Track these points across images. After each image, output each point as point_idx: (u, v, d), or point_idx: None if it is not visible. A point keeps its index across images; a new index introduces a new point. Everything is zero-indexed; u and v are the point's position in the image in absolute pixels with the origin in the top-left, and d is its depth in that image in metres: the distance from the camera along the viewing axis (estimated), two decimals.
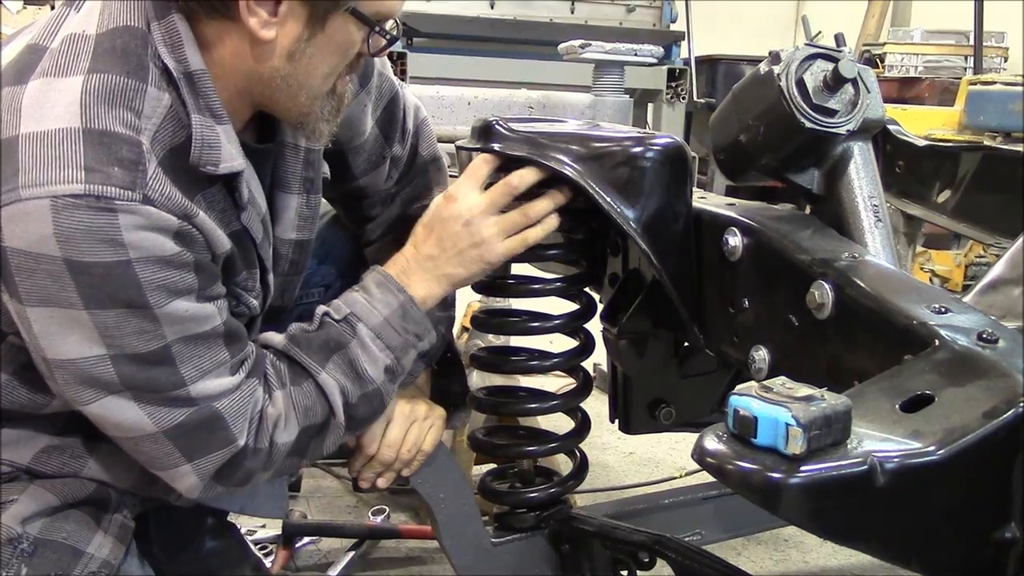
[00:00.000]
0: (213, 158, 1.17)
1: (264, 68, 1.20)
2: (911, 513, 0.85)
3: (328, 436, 1.33)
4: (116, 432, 1.20)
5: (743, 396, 0.83)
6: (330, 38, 1.21)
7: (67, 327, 1.10)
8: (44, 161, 1.06)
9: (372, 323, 1.32)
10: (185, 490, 1.26)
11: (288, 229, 1.40)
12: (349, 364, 1.31)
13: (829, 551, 2.08)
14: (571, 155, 1.33)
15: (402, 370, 1.36)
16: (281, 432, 1.28)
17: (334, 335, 1.32)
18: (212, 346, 1.19)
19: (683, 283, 1.36)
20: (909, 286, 1.13)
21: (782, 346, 1.22)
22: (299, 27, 1.18)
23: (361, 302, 1.34)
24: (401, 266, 1.36)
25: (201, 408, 1.19)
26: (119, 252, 1.08)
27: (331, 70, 1.25)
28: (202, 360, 1.18)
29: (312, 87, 1.25)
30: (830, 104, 1.24)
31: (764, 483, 0.80)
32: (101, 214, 1.06)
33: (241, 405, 1.23)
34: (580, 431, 1.54)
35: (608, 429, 1.90)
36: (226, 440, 1.22)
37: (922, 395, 0.91)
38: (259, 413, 1.26)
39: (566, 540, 1.48)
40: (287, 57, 1.20)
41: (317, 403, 1.30)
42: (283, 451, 1.29)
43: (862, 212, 1.27)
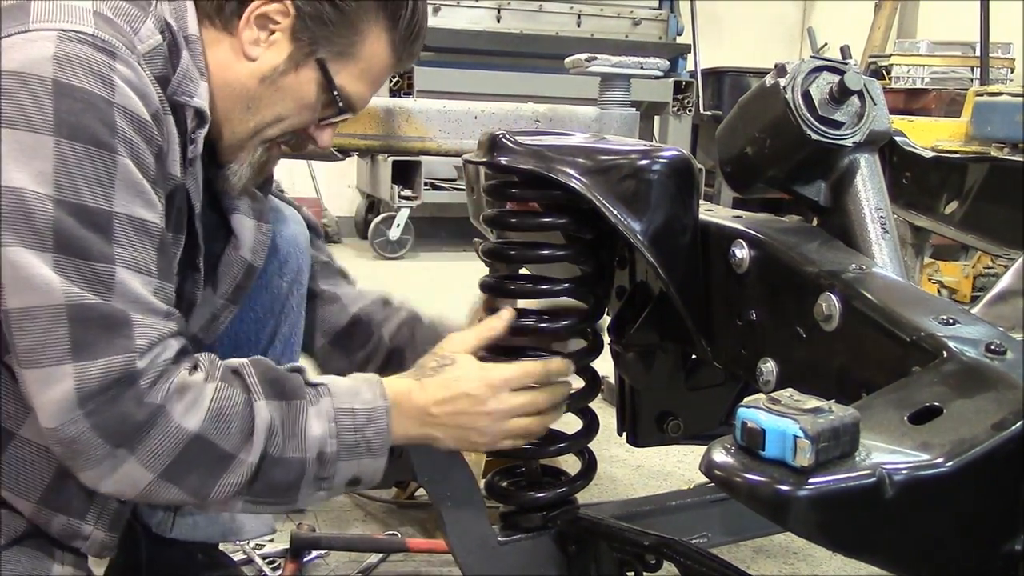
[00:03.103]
0: (191, 90, 1.25)
1: (237, 82, 1.29)
2: (920, 525, 0.85)
3: (224, 473, 1.15)
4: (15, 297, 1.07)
5: (751, 408, 0.83)
6: (297, 83, 1.31)
7: (26, 153, 1.07)
8: (58, 12, 1.13)
9: (339, 404, 1.23)
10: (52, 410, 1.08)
11: (246, 249, 1.42)
12: (292, 418, 1.19)
13: (839, 564, 2.07)
14: (578, 168, 1.33)
15: (331, 474, 1.22)
16: (183, 407, 1.12)
17: (294, 386, 1.22)
18: (151, 249, 1.14)
19: (690, 295, 1.36)
20: (917, 297, 1.13)
21: (790, 358, 1.22)
22: (279, 59, 1.29)
23: (341, 383, 1.26)
24: (398, 392, 1.28)
25: (114, 303, 1.09)
26: (107, 90, 1.11)
27: (284, 115, 1.33)
28: (137, 254, 1.12)
29: (263, 120, 1.32)
30: (836, 116, 1.24)
31: (772, 496, 0.80)
32: (102, 54, 1.12)
33: (152, 330, 1.12)
34: (588, 431, 1.53)
35: (616, 442, 1.90)
36: (123, 348, 1.09)
37: (931, 407, 0.91)
38: (163, 364, 1.12)
39: (573, 541, 1.48)
40: (259, 80, 1.30)
41: (236, 420, 1.16)
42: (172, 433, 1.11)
43: (869, 224, 1.26)
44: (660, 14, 6.68)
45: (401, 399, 1.28)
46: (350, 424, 1.22)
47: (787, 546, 2.13)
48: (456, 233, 6.30)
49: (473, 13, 6.15)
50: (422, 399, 1.28)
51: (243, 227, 1.43)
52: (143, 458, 1.11)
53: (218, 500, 1.17)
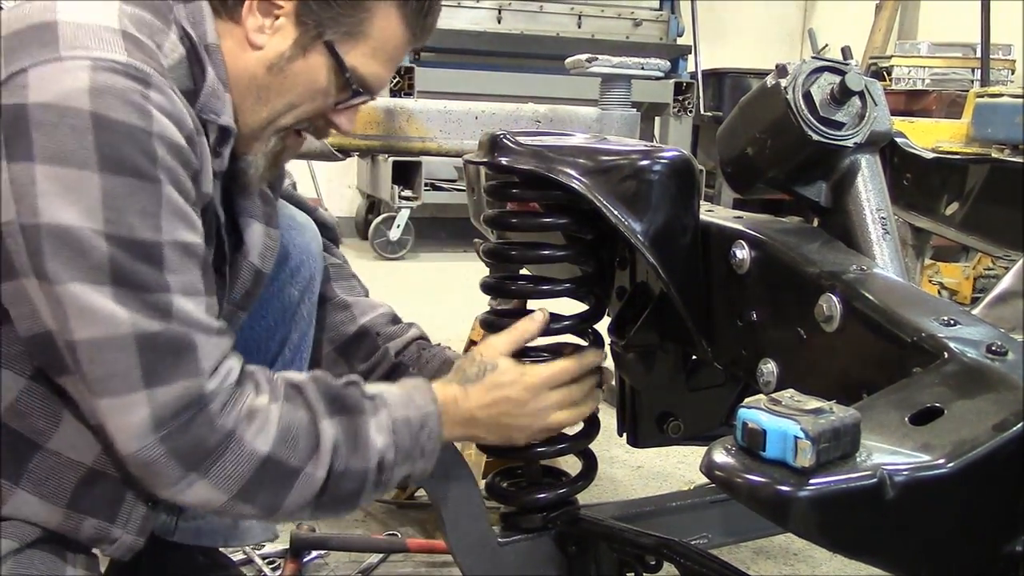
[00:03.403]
0: (217, 108, 1.24)
1: (245, 72, 1.27)
2: (921, 526, 0.85)
3: (294, 489, 1.19)
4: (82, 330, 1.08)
5: (751, 409, 0.83)
6: (307, 68, 1.28)
7: (73, 190, 1.06)
8: (86, 37, 1.11)
9: (396, 414, 1.27)
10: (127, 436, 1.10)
11: (255, 254, 1.41)
12: (354, 432, 1.23)
13: (839, 565, 2.07)
14: (578, 168, 1.33)
15: (388, 479, 1.27)
16: (253, 430, 1.15)
17: (353, 400, 1.26)
18: (197, 270, 1.15)
19: (691, 296, 1.36)
20: (918, 298, 1.13)
21: (790, 359, 1.22)
22: (285, 45, 1.26)
23: (394, 392, 1.30)
24: (445, 398, 1.33)
25: (176, 327, 1.11)
26: (145, 120, 1.10)
27: (296, 102, 1.30)
28: (188, 278, 1.13)
29: (275, 109, 1.30)
30: (837, 117, 1.24)
31: (773, 496, 0.80)
32: (137, 83, 1.10)
33: (216, 349, 1.15)
34: (589, 432, 1.53)
35: (616, 443, 1.90)
36: (192, 372, 1.12)
37: (931, 408, 0.91)
38: (231, 385, 1.16)
39: (573, 541, 1.48)
40: (267, 68, 1.27)
41: (303, 438, 1.19)
42: (245, 458, 1.15)
43: (870, 224, 1.26)
44: (661, 15, 6.69)
45: (448, 405, 1.33)
46: (406, 432, 1.28)
47: (787, 547, 2.13)
48: (456, 233, 6.30)
49: (474, 14, 6.15)
50: (467, 405, 1.34)
51: (252, 232, 1.41)
52: (217, 481, 1.15)
53: (288, 513, 1.22)
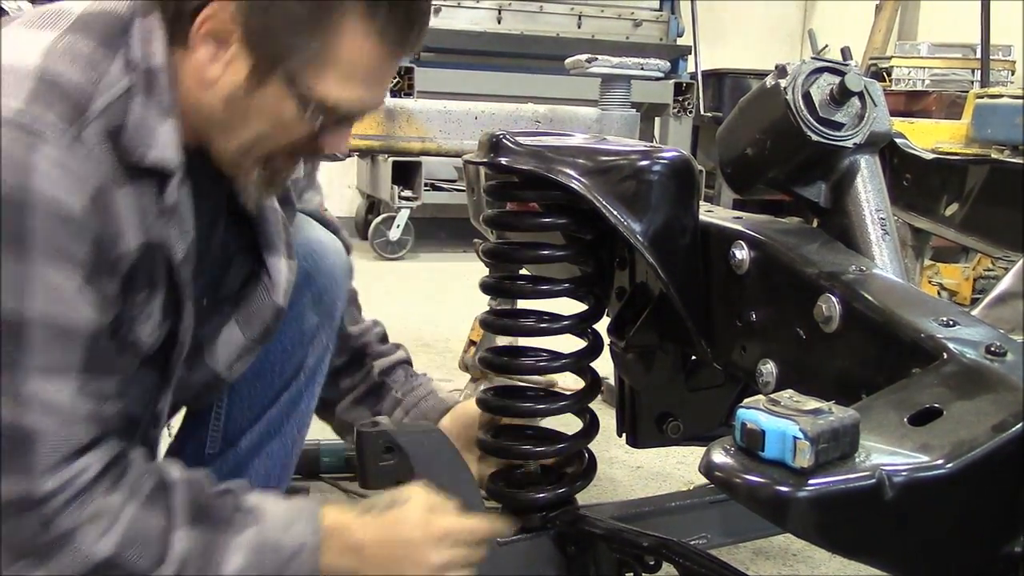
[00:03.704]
0: (145, 142, 1.12)
1: (206, 106, 1.17)
2: (920, 527, 0.85)
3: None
4: None
5: (750, 409, 0.83)
6: (268, 101, 1.16)
7: None
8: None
9: (268, 535, 1.17)
10: None
11: (280, 293, 1.37)
12: (211, 548, 1.14)
13: (838, 565, 2.07)
14: (578, 168, 1.34)
15: None
16: (94, 533, 1.08)
17: (221, 512, 1.17)
18: (69, 347, 1.06)
19: (690, 296, 1.36)
20: (917, 299, 1.13)
21: (789, 359, 1.22)
22: (241, 77, 1.15)
23: (277, 512, 1.20)
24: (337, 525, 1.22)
25: (20, 414, 1.03)
26: (25, 178, 1.01)
27: (266, 134, 1.19)
28: (51, 356, 1.04)
29: (244, 141, 1.20)
30: (837, 117, 1.24)
31: (772, 496, 0.80)
32: (26, 137, 1.02)
33: (63, 445, 1.06)
34: (588, 432, 1.53)
35: (615, 443, 1.90)
36: (25, 468, 1.03)
37: (930, 408, 0.91)
38: (83, 483, 1.07)
39: (572, 542, 1.48)
40: (224, 103, 1.16)
41: (151, 545, 1.11)
42: (80, 560, 1.07)
43: (869, 225, 1.27)
44: (661, 15, 6.68)
45: (339, 532, 1.23)
46: (273, 558, 1.17)
47: (786, 548, 2.13)
48: (456, 234, 6.30)
49: (474, 14, 6.15)
50: (359, 535, 1.24)
51: (278, 270, 1.36)
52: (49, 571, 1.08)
53: None
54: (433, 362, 3.36)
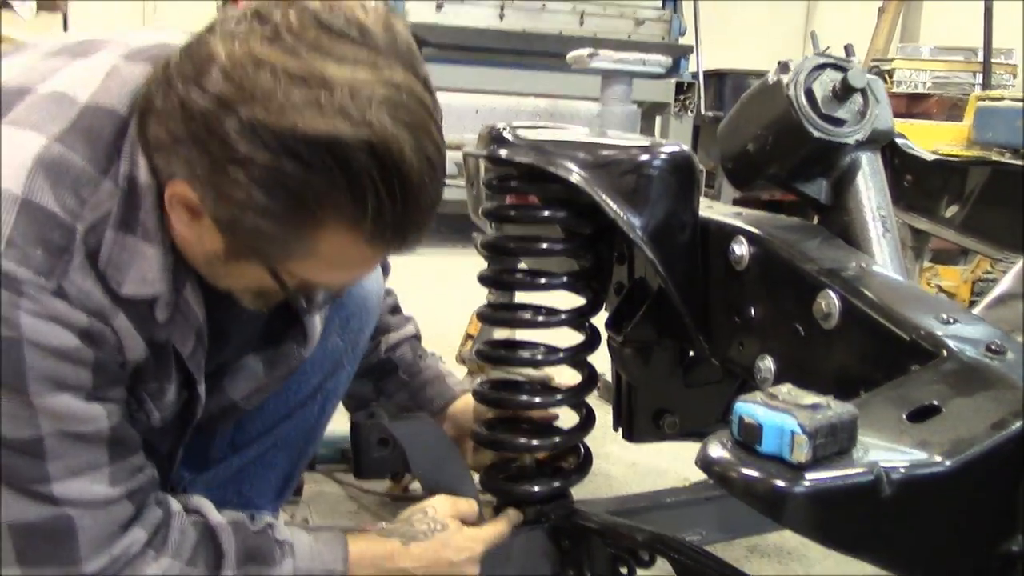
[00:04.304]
0: (119, 273, 1.06)
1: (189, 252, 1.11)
2: (917, 524, 0.84)
3: None
4: None
5: (748, 403, 0.82)
6: (245, 273, 1.11)
7: None
8: None
9: (300, 565, 1.24)
10: None
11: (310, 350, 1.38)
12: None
13: (833, 564, 2.06)
14: (578, 162, 1.33)
15: None
16: None
17: (265, 550, 1.22)
18: (91, 448, 1.09)
19: (689, 292, 1.35)
20: (917, 296, 1.12)
21: (788, 356, 1.21)
22: (217, 247, 1.07)
23: (304, 543, 1.26)
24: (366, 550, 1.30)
25: (58, 513, 1.07)
26: (12, 331, 0.99)
27: (250, 287, 1.16)
28: (75, 460, 1.07)
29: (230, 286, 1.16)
30: (839, 114, 1.23)
31: (768, 491, 0.79)
32: (7, 293, 0.99)
33: (105, 528, 1.10)
34: (585, 426, 1.53)
35: (611, 439, 1.89)
36: (68, 560, 1.08)
37: (929, 405, 0.90)
38: (129, 557, 1.12)
39: (566, 535, 1.48)
40: (204, 261, 1.11)
41: None
42: None
43: (870, 222, 1.26)
44: (663, 14, 6.67)
45: (379, 560, 1.30)
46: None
47: (781, 546, 2.13)
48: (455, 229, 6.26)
49: (476, 11, 6.13)
50: (406, 561, 1.31)
51: (313, 326, 1.36)
52: None
53: None
54: None
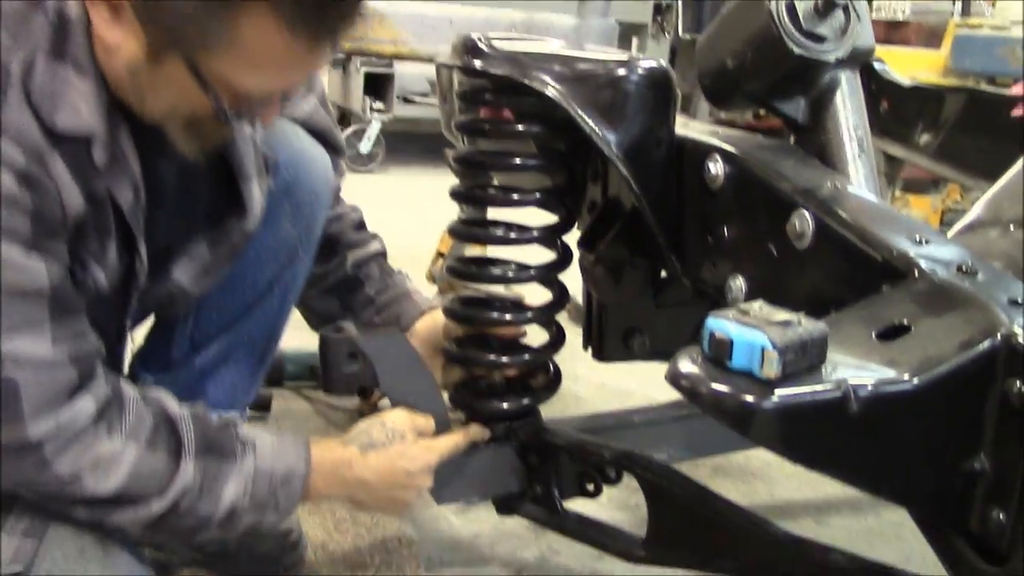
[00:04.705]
0: (53, 106, 1.04)
1: (113, 72, 1.08)
2: (883, 441, 0.85)
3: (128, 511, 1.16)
4: None
5: (720, 319, 0.82)
6: (167, 79, 1.07)
7: None
8: None
9: (261, 465, 1.23)
10: None
11: (251, 222, 1.34)
12: (212, 477, 1.19)
13: (795, 485, 2.10)
14: (554, 75, 1.30)
15: (236, 525, 1.22)
16: (96, 478, 1.12)
17: (224, 445, 1.22)
18: (31, 304, 1.06)
19: (662, 210, 1.34)
20: (890, 217, 1.12)
21: (760, 275, 1.21)
22: (138, 50, 1.05)
23: (267, 442, 1.26)
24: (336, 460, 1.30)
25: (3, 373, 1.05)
26: None
27: (176, 108, 1.11)
28: (14, 316, 1.04)
29: (158, 110, 1.12)
30: (820, 30, 1.22)
31: (737, 406, 0.79)
32: None
33: (48, 390, 1.08)
34: (555, 344, 1.53)
35: (580, 359, 1.90)
36: (11, 419, 1.06)
37: (899, 325, 0.91)
38: (79, 429, 1.10)
39: (534, 452, 1.48)
40: (128, 71, 1.07)
41: (155, 480, 1.15)
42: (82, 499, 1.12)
43: (846, 142, 1.25)
44: None
45: (338, 466, 1.30)
46: (265, 484, 1.24)
47: (745, 466, 2.16)
48: (427, 148, 6.21)
49: None
50: (362, 470, 1.31)
51: (252, 198, 1.32)
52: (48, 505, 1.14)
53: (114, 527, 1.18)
54: None
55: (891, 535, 1.92)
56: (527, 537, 1.78)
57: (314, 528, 1.73)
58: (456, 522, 1.82)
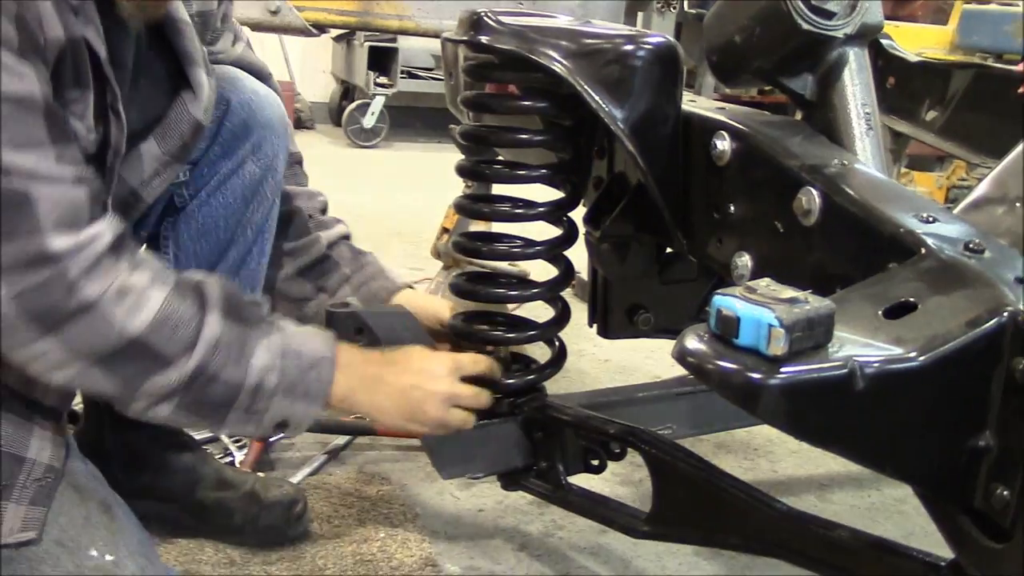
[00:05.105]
0: None
1: None
2: (889, 418, 0.85)
3: (156, 374, 1.12)
4: None
5: (726, 296, 0.82)
6: None
7: None
8: None
9: (288, 343, 1.21)
10: None
11: (199, 108, 1.34)
12: (241, 341, 1.17)
13: (798, 461, 2.11)
14: (561, 51, 1.30)
15: (264, 407, 1.19)
16: (123, 309, 1.09)
17: (252, 313, 1.21)
18: (29, 118, 1.04)
19: (669, 187, 1.34)
20: (898, 194, 1.12)
21: (766, 252, 1.21)
22: None
23: (296, 327, 1.25)
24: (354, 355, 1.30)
25: (12, 184, 1.02)
26: None
27: None
28: (15, 131, 1.03)
29: None
30: (828, 6, 1.20)
31: (744, 383, 0.79)
32: None
33: (64, 204, 1.06)
34: (560, 320, 1.53)
35: (585, 336, 1.90)
36: (29, 228, 1.03)
37: (906, 302, 0.90)
38: (99, 252, 1.08)
39: (539, 427, 1.49)
40: None
41: (183, 328, 1.13)
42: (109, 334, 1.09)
43: (854, 119, 1.25)
44: None
45: (356, 362, 1.29)
46: (295, 364, 1.21)
47: (748, 443, 2.17)
48: (431, 124, 6.20)
49: None
50: (378, 367, 1.31)
51: (200, 83, 1.34)
52: (74, 349, 1.09)
53: (144, 400, 1.15)
54: (405, 251, 3.34)
55: (893, 511, 1.93)
56: (531, 512, 1.79)
57: (319, 501, 1.75)
58: (461, 496, 1.83)
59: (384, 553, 1.62)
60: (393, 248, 3.35)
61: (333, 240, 1.59)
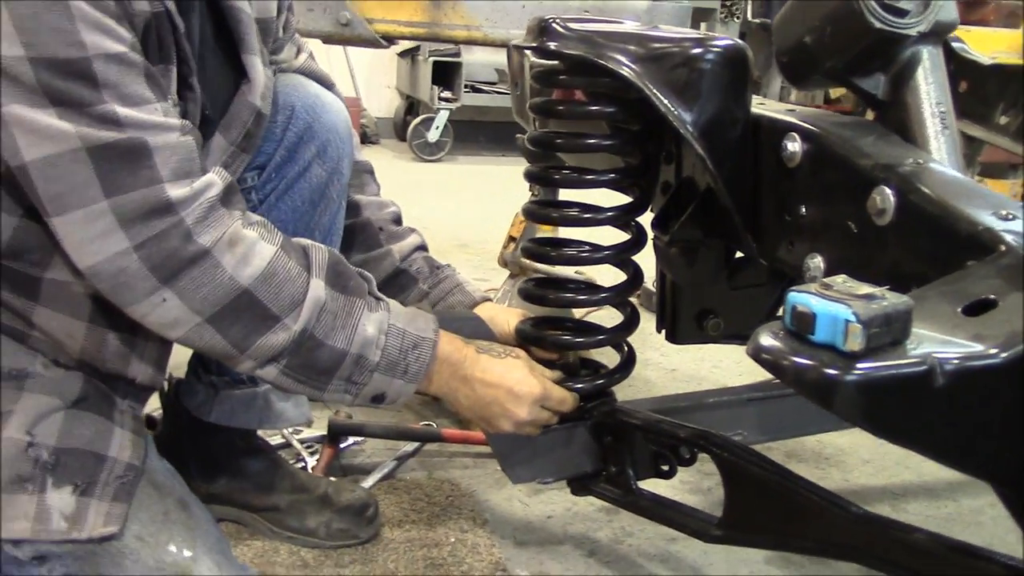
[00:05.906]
0: None
1: None
2: (969, 416, 0.84)
3: (267, 332, 1.17)
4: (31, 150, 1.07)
5: (802, 293, 0.81)
6: None
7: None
8: None
9: (394, 321, 1.26)
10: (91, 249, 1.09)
11: (256, 94, 1.37)
12: (347, 311, 1.22)
13: (870, 471, 2.08)
14: (629, 55, 1.30)
15: (364, 380, 1.24)
16: (234, 258, 1.14)
17: (358, 286, 1.25)
18: (133, 75, 1.10)
19: (738, 190, 1.33)
20: (974, 192, 1.10)
21: (839, 253, 1.20)
22: None
23: (401, 307, 1.30)
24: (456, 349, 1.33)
25: (130, 134, 1.08)
26: None
27: None
28: (128, 89, 1.09)
29: None
30: (901, 4, 1.19)
31: (820, 379, 0.79)
32: None
33: (179, 153, 1.12)
34: (629, 325, 1.53)
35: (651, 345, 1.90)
36: (150, 179, 1.09)
37: (985, 299, 0.89)
38: (209, 201, 1.13)
39: (608, 432, 1.49)
40: None
41: (289, 286, 1.17)
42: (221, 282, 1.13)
43: (928, 118, 1.23)
44: None
45: (455, 357, 1.33)
46: (398, 342, 1.26)
47: (819, 451, 2.14)
48: (495, 137, 6.25)
49: None
50: (473, 368, 1.34)
51: (256, 70, 1.37)
52: (189, 300, 1.13)
53: (253, 359, 1.19)
54: (470, 262, 3.36)
55: (970, 521, 1.89)
56: (600, 519, 1.79)
57: (390, 506, 1.77)
58: (529, 502, 1.84)
59: (454, 557, 1.63)
60: (458, 259, 3.38)
61: (407, 253, 1.60)
